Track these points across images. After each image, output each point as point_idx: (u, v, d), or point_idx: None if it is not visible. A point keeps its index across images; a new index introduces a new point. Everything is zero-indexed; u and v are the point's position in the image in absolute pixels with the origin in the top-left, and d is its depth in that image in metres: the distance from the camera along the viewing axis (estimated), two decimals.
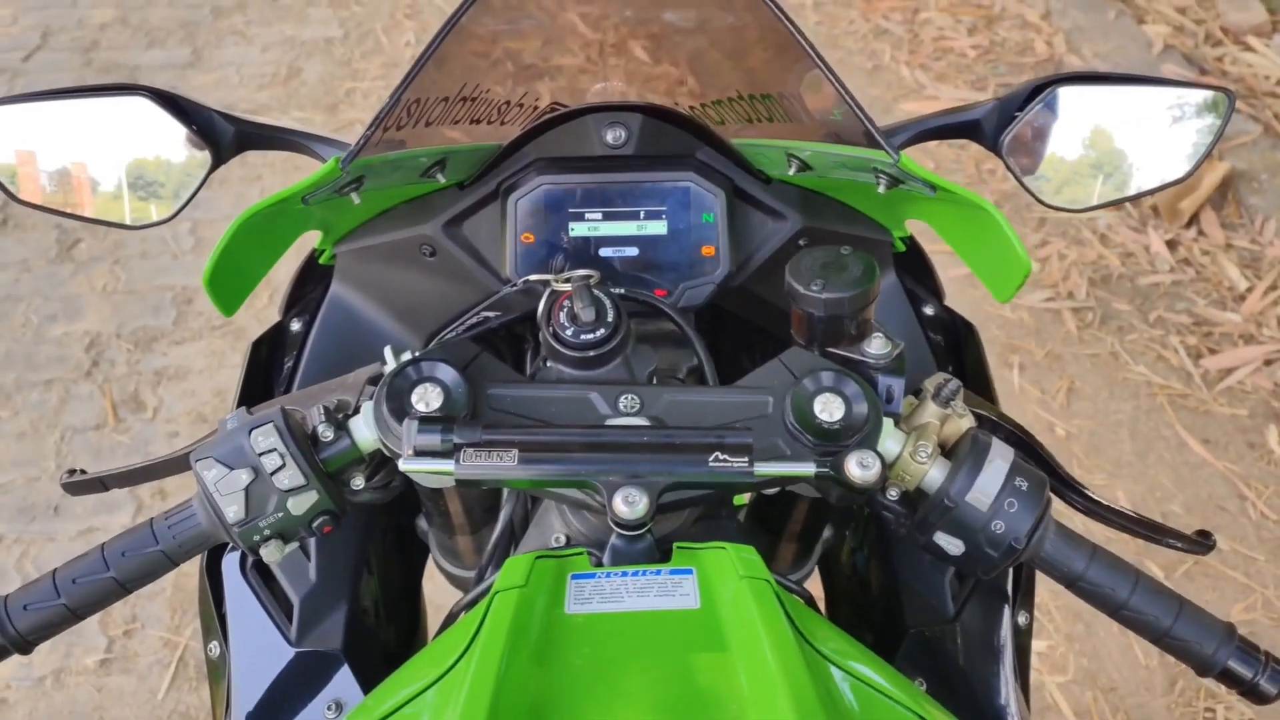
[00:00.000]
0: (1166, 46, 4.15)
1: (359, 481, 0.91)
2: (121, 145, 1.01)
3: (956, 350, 1.18)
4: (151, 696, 2.31)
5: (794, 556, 1.22)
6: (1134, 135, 1.07)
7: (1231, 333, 3.14)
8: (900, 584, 1.10)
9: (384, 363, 0.90)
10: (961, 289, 3.16)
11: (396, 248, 1.10)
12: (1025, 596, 1.08)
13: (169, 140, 1.00)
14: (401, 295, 1.14)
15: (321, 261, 1.14)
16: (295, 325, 1.14)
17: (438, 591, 1.35)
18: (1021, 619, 1.07)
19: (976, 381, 1.13)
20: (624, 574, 0.79)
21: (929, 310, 1.18)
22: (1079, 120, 1.05)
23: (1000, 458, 0.85)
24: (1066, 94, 1.03)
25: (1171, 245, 3.42)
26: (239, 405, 0.89)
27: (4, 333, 3.20)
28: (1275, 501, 2.69)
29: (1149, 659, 2.36)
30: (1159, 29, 4.25)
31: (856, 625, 1.23)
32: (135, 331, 3.20)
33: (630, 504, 0.78)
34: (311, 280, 1.17)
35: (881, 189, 0.94)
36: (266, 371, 1.14)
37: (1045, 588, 1.13)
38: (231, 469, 0.83)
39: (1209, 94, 1.06)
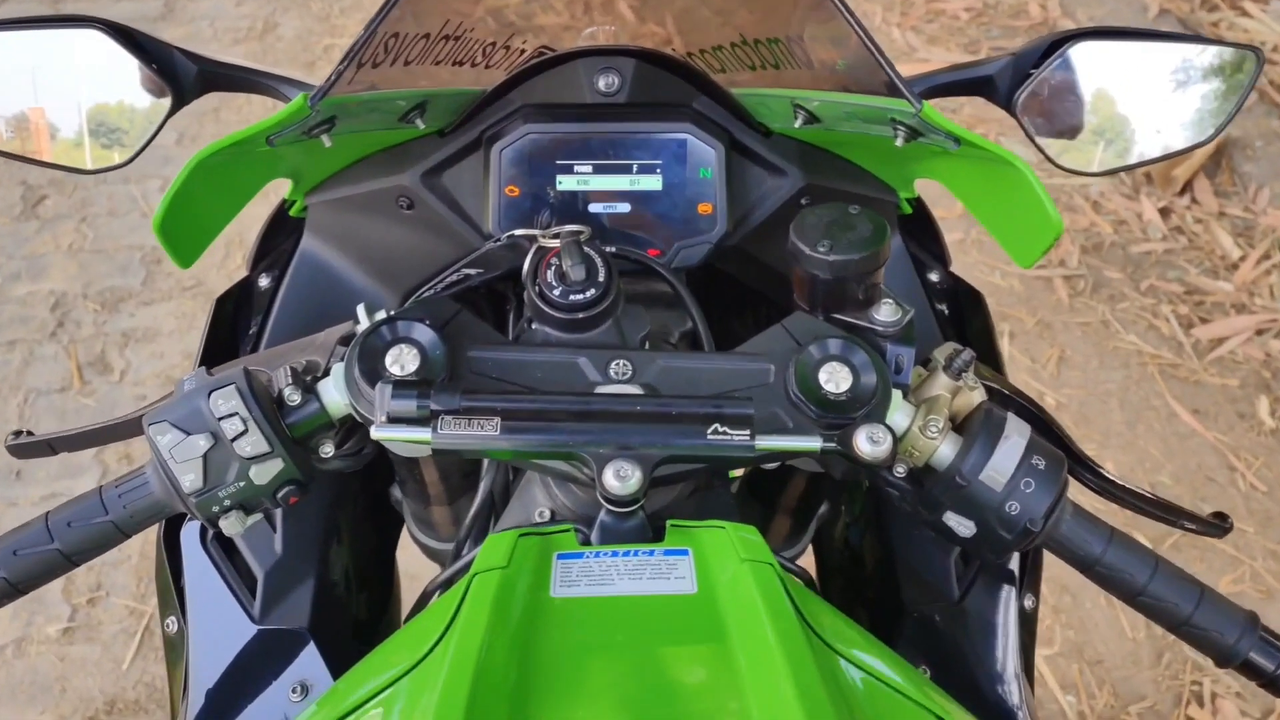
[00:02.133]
0: (1162, 10, 4.10)
1: (328, 449, 0.85)
2: (76, 84, 0.94)
3: (960, 319, 1.13)
4: (116, 666, 2.27)
5: (788, 531, 1.18)
6: (1154, 95, 1.02)
7: (1223, 302, 3.11)
8: (897, 561, 1.06)
9: (357, 321, 0.84)
10: (954, 256, 3.13)
11: (371, 199, 1.04)
12: (1032, 578, 1.05)
13: (127, 79, 0.93)
14: (377, 250, 1.08)
15: (292, 213, 1.09)
16: (264, 281, 1.09)
17: (411, 560, 1.30)
18: (1028, 602, 1.04)
19: (983, 353, 1.08)
20: (614, 554, 0.74)
21: (934, 277, 1.13)
22: (1097, 78, 0.99)
23: (1017, 434, 0.81)
24: (1084, 50, 0.97)
25: (1164, 213, 3.39)
26: (200, 365, 0.83)
27: None
28: (1264, 473, 2.67)
29: (1136, 632, 2.35)
30: None
31: (850, 602, 1.19)
32: (102, 292, 3.12)
33: (622, 478, 0.73)
34: (281, 233, 1.11)
35: (899, 142, 0.88)
36: (232, 330, 1.08)
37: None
38: (188, 434, 0.77)
39: (1235, 52, 1.01)
